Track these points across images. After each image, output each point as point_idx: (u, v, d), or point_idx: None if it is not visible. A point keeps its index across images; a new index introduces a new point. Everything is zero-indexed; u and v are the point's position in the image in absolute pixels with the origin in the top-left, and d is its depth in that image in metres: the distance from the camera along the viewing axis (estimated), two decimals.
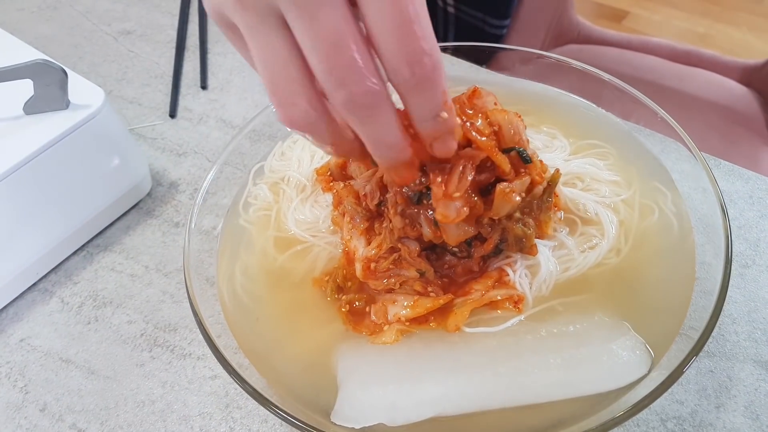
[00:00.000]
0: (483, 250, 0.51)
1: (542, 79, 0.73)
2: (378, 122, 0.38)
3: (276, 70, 0.37)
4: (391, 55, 0.36)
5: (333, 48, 0.35)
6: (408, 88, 0.37)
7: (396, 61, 0.36)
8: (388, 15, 0.35)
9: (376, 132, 0.39)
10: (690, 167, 0.60)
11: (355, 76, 0.35)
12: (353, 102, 0.36)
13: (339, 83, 0.36)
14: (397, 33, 0.35)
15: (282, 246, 0.60)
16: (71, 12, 1.07)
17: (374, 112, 0.37)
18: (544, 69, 0.72)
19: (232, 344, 0.53)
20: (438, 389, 0.47)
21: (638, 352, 0.48)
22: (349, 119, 0.38)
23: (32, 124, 0.66)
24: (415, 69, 0.36)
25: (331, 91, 0.36)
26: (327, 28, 0.35)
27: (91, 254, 0.73)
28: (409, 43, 0.35)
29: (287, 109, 0.38)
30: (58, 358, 0.64)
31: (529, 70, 0.73)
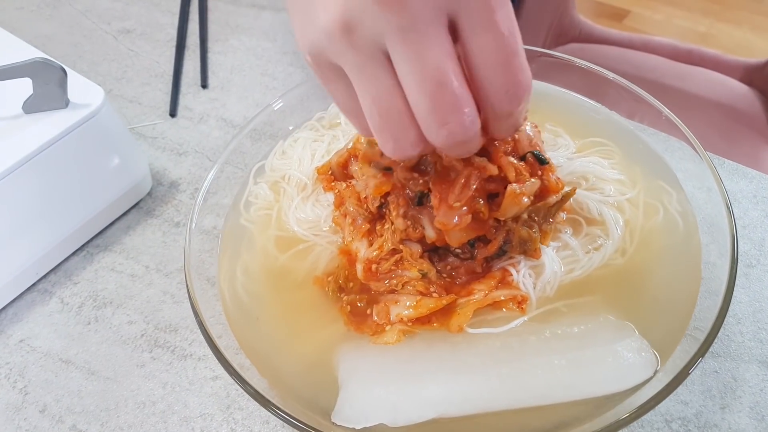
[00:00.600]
0: (486, 251, 0.51)
1: (544, 78, 0.72)
2: (467, 149, 0.41)
3: (384, 105, 0.38)
4: (493, 87, 0.37)
5: (438, 86, 0.36)
6: (502, 117, 0.39)
7: (499, 94, 0.37)
8: (494, 50, 0.36)
9: (464, 152, 0.42)
10: (694, 166, 0.59)
11: (457, 115, 0.37)
12: (453, 139, 0.38)
13: (442, 122, 0.37)
14: (501, 69, 0.36)
15: (283, 245, 0.60)
16: (71, 11, 1.07)
17: (468, 144, 0.39)
18: (547, 67, 0.72)
19: (233, 345, 0.53)
20: (440, 390, 0.47)
21: (643, 354, 0.47)
22: (443, 150, 0.41)
23: (31, 123, 0.66)
24: (513, 103, 0.38)
25: (433, 128, 0.37)
26: (432, 66, 0.35)
27: (91, 254, 0.72)
28: (511, 78, 0.37)
29: (397, 142, 0.39)
30: (58, 359, 0.64)
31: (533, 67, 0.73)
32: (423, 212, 0.49)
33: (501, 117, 0.39)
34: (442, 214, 0.46)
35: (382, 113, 0.39)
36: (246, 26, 1.01)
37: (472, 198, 0.46)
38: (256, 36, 1.00)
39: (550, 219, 0.53)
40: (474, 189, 0.46)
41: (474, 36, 0.36)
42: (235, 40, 0.99)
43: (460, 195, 0.46)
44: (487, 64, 0.36)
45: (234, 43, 0.99)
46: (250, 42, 0.98)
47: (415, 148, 0.39)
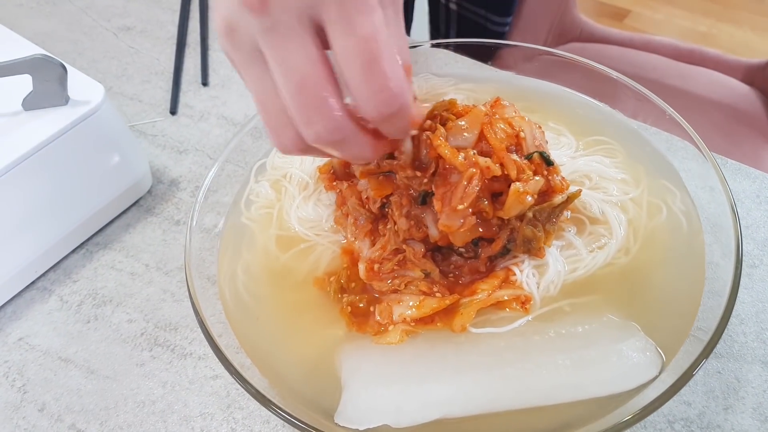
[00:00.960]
0: (490, 250, 0.51)
1: (546, 77, 0.72)
2: (348, 149, 0.41)
3: (266, 102, 0.40)
4: (358, 93, 0.38)
5: (299, 88, 0.37)
6: (376, 122, 0.40)
7: (363, 100, 0.38)
8: (355, 55, 0.36)
9: (349, 155, 0.42)
10: (697, 166, 0.59)
11: (320, 116, 0.38)
12: (321, 139, 0.39)
13: (306, 123, 0.38)
14: (363, 73, 0.37)
15: (284, 244, 0.59)
16: (71, 8, 1.06)
17: (343, 144, 0.40)
18: (548, 66, 0.71)
19: (233, 344, 0.53)
20: (444, 390, 0.47)
21: (648, 354, 0.47)
22: (323, 150, 0.41)
23: (31, 120, 0.65)
24: (381, 109, 0.38)
25: (302, 129, 0.39)
26: (293, 67, 0.37)
27: (91, 252, 0.72)
28: (375, 83, 0.37)
29: (279, 139, 0.41)
30: (57, 358, 0.63)
31: (533, 68, 0.73)
32: (426, 211, 0.49)
33: (377, 121, 0.39)
34: (446, 216, 0.46)
35: (264, 110, 0.40)
36: None
37: (476, 198, 0.46)
38: None
39: (553, 219, 0.53)
40: (477, 189, 0.46)
41: (335, 40, 0.37)
42: None
43: (463, 197, 0.46)
44: (350, 69, 0.37)
45: None
46: None
47: (295, 146, 0.40)
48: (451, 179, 0.47)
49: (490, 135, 0.48)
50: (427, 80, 0.72)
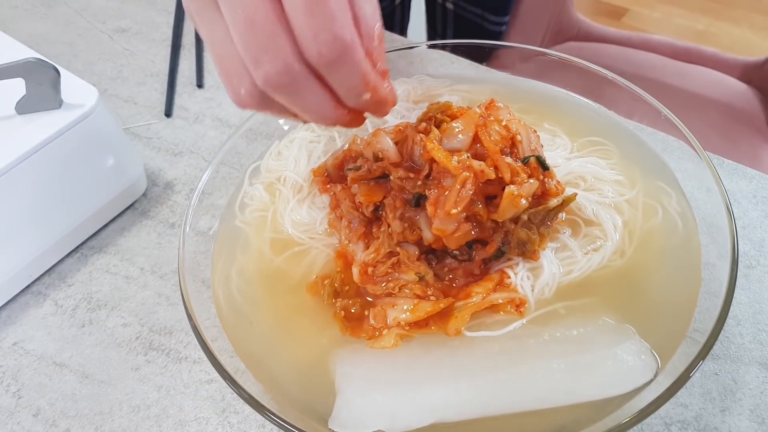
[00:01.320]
0: (485, 253, 0.50)
1: (543, 77, 0.72)
2: (302, 99, 0.38)
3: (219, 48, 0.38)
4: (300, 34, 0.36)
5: (247, 27, 0.35)
6: (320, 68, 0.37)
7: (305, 41, 0.36)
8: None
9: (304, 107, 0.39)
10: (693, 166, 0.59)
11: (267, 54, 0.35)
12: (271, 81, 0.37)
13: (255, 62, 0.36)
14: (305, 12, 0.35)
15: (278, 248, 0.59)
16: (66, 9, 1.06)
17: (295, 90, 0.37)
18: (545, 67, 0.71)
19: (227, 348, 0.52)
20: (438, 395, 0.46)
21: (643, 357, 0.47)
22: (275, 97, 0.38)
23: (24, 123, 0.65)
24: (323, 50, 0.36)
25: (252, 69, 0.37)
26: (242, 6, 0.35)
27: (86, 256, 0.71)
28: (317, 24, 0.35)
29: (235, 91, 0.39)
30: (52, 362, 0.63)
31: (529, 68, 0.72)
32: (420, 214, 0.49)
33: (320, 67, 0.37)
34: (439, 220, 0.46)
35: (218, 59, 0.39)
36: None
37: (470, 202, 0.46)
38: None
39: (548, 222, 0.53)
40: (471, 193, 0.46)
41: None
42: None
43: (457, 201, 0.45)
44: (293, 6, 0.35)
45: None
46: None
47: (251, 96, 0.38)
48: (444, 183, 0.46)
49: (484, 137, 0.48)
50: (422, 81, 0.72)
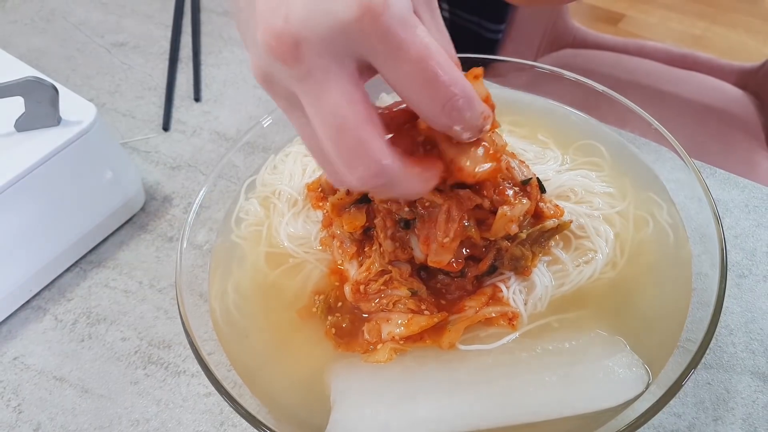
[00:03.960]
0: (477, 270, 0.51)
1: (536, 88, 0.72)
2: (399, 189, 0.39)
3: (312, 145, 0.39)
4: (427, 111, 0.37)
5: (336, 133, 0.36)
6: (451, 128, 0.39)
7: (434, 115, 0.37)
8: (413, 77, 0.35)
9: (399, 194, 0.41)
10: (685, 176, 0.59)
11: (361, 161, 0.36)
12: (366, 183, 0.37)
13: (348, 168, 0.36)
14: (427, 90, 0.36)
15: (274, 262, 0.60)
16: (64, 24, 1.07)
17: (389, 187, 0.38)
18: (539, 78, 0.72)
19: (224, 362, 0.53)
20: (432, 409, 0.47)
21: (635, 369, 0.47)
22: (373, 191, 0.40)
23: (23, 141, 0.66)
24: (453, 115, 0.37)
25: (345, 174, 0.37)
26: (329, 113, 0.35)
27: (85, 271, 0.72)
28: (442, 95, 0.36)
29: (333, 179, 0.40)
30: (52, 377, 0.64)
31: (523, 79, 0.73)
32: (410, 234, 0.49)
33: (453, 132, 0.39)
34: (434, 253, 0.47)
35: (311, 150, 0.40)
36: (239, 38, 1.01)
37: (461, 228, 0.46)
38: None
39: (542, 242, 0.53)
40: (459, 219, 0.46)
41: (387, 71, 0.36)
42: (228, 53, 0.99)
43: (447, 229, 0.46)
44: (411, 92, 0.36)
45: (227, 55, 0.99)
46: (243, 54, 0.98)
47: (347, 184, 0.40)
48: (432, 217, 0.47)
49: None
50: None
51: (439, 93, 0.36)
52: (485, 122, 0.40)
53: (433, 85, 0.35)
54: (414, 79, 0.35)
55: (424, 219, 0.47)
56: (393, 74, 0.36)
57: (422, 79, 0.35)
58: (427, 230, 0.47)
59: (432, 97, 0.36)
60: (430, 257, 0.47)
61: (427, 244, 0.47)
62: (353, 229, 0.51)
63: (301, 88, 0.36)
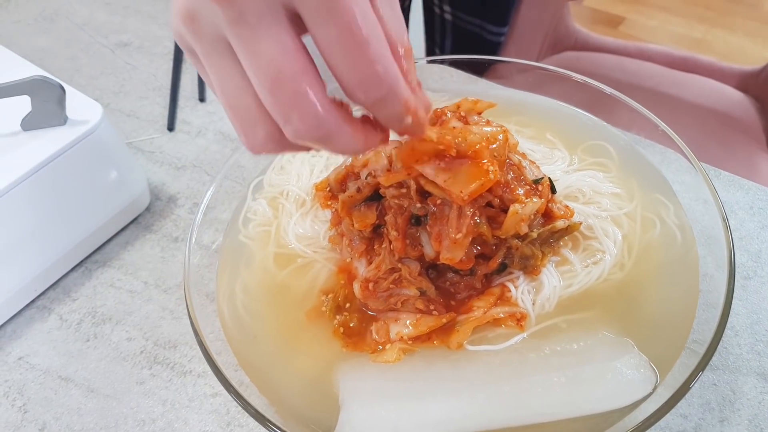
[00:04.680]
0: (487, 268, 0.51)
1: (541, 89, 0.73)
2: (333, 144, 0.37)
3: (232, 97, 0.37)
4: (344, 79, 0.35)
5: (274, 82, 0.34)
6: (367, 107, 0.37)
7: (351, 86, 0.35)
8: (338, 41, 0.34)
9: (337, 149, 0.38)
10: (691, 178, 0.59)
11: (299, 111, 0.35)
12: (302, 135, 0.36)
13: (284, 118, 0.35)
14: (348, 58, 0.34)
15: (282, 262, 0.60)
16: (68, 24, 1.07)
17: (327, 138, 0.36)
18: (543, 79, 0.72)
19: (232, 362, 0.53)
20: (441, 408, 0.47)
21: (642, 371, 0.47)
22: (307, 144, 0.38)
23: (30, 140, 0.66)
24: (369, 93, 0.35)
25: (281, 123, 0.36)
26: (266, 61, 0.34)
27: (90, 270, 0.72)
28: (362, 69, 0.34)
29: (249, 137, 0.38)
30: (57, 377, 0.63)
31: (528, 80, 0.73)
32: (421, 231, 0.50)
33: (368, 107, 0.37)
34: (446, 249, 0.47)
35: (230, 106, 0.38)
36: None
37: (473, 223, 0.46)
38: None
39: (551, 242, 0.54)
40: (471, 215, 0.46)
41: (316, 28, 0.34)
42: None
43: (459, 225, 0.46)
44: (334, 56, 0.34)
45: None
46: None
47: (268, 144, 0.38)
48: (444, 214, 0.47)
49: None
50: None
51: (360, 66, 0.34)
52: (408, 115, 0.37)
53: (355, 56, 0.34)
54: (338, 44, 0.34)
55: (436, 216, 0.47)
56: (320, 33, 0.34)
57: (346, 46, 0.34)
58: (439, 227, 0.47)
59: (352, 68, 0.34)
60: (442, 254, 0.47)
61: (439, 240, 0.47)
62: (364, 227, 0.51)
63: (233, 30, 0.34)
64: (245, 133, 0.38)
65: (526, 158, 0.53)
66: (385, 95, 0.36)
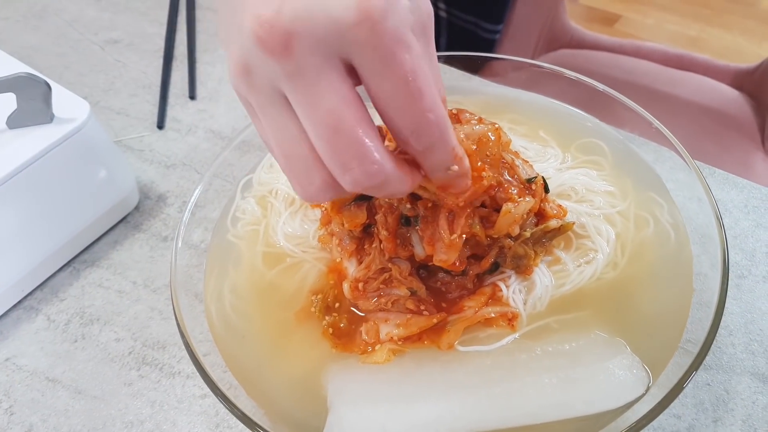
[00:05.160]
0: (479, 268, 0.51)
1: (535, 87, 0.72)
2: (387, 191, 0.38)
3: (287, 148, 0.38)
4: (397, 128, 0.36)
5: (332, 133, 0.35)
6: (418, 154, 0.38)
7: (404, 134, 0.37)
8: (393, 93, 0.35)
9: (388, 193, 0.39)
10: (685, 176, 0.59)
11: (357, 161, 0.35)
12: (360, 184, 0.37)
13: (343, 168, 0.36)
14: (403, 110, 0.35)
15: (271, 261, 0.59)
16: (57, 21, 1.06)
17: (382, 188, 0.37)
18: (537, 77, 0.71)
19: (220, 363, 0.52)
20: (431, 410, 0.46)
21: (635, 371, 0.47)
22: (362, 191, 0.39)
23: (16, 138, 0.65)
24: (422, 139, 0.37)
25: (338, 175, 0.37)
26: (325, 112, 0.35)
27: (78, 270, 0.71)
28: (415, 118, 0.36)
29: (303, 187, 0.39)
30: (45, 378, 0.63)
31: (522, 78, 0.73)
32: (411, 231, 0.49)
33: (420, 153, 0.38)
34: (440, 252, 0.46)
35: (285, 156, 0.38)
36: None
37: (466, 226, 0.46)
38: None
39: (544, 241, 0.53)
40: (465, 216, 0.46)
41: (371, 80, 0.35)
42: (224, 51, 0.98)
43: (453, 227, 0.46)
44: (389, 107, 0.36)
45: (222, 53, 0.98)
46: None
47: (323, 193, 0.39)
48: (435, 217, 0.46)
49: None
50: None
51: (414, 115, 0.35)
52: (455, 163, 0.39)
53: (410, 105, 0.35)
54: (394, 96, 0.35)
55: (427, 219, 0.47)
56: (376, 85, 0.35)
57: (402, 97, 0.35)
58: (431, 230, 0.46)
59: (406, 117, 0.36)
60: (436, 256, 0.47)
61: (431, 243, 0.46)
62: (354, 227, 0.51)
63: (291, 84, 0.35)
64: (300, 183, 0.39)
65: (519, 157, 0.53)
66: (436, 142, 0.37)
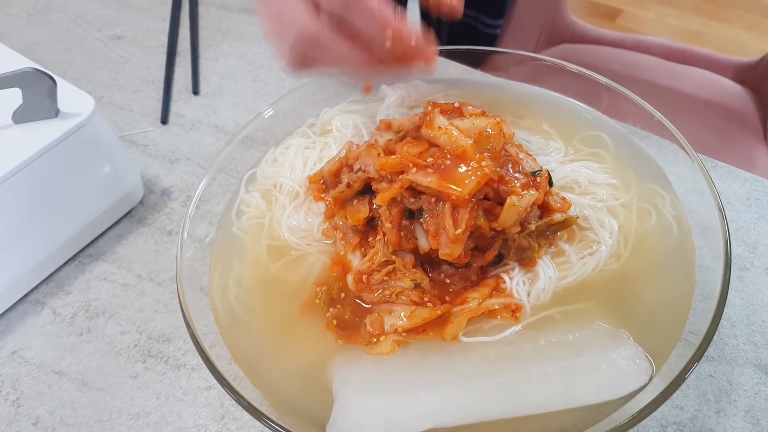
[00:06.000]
0: (483, 260, 0.51)
1: (537, 81, 0.72)
2: (330, 51, 0.47)
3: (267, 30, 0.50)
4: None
5: (271, 13, 0.48)
6: (336, 15, 0.47)
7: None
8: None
9: (334, 57, 0.47)
10: (687, 169, 0.59)
11: (287, 29, 0.47)
12: (296, 48, 0.47)
13: (281, 38, 0.48)
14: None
15: (275, 254, 0.59)
16: (61, 17, 1.06)
17: (318, 47, 0.47)
18: (539, 70, 0.71)
19: (225, 355, 0.53)
20: (435, 400, 0.47)
21: (638, 361, 0.47)
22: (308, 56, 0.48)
23: (21, 133, 0.65)
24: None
25: (283, 44, 0.48)
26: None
27: (83, 264, 0.72)
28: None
29: (280, 57, 0.50)
30: (51, 371, 0.63)
31: (524, 72, 0.73)
32: (415, 223, 0.49)
33: (342, 15, 0.47)
34: (445, 245, 0.46)
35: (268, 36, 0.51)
36: (237, 32, 1.01)
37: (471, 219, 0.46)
38: (248, 41, 0.99)
39: (548, 234, 0.53)
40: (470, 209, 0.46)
41: None
42: (227, 46, 0.98)
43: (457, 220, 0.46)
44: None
45: (225, 48, 0.98)
46: (241, 47, 0.98)
47: (291, 59, 0.49)
48: (438, 209, 0.47)
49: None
50: (417, 87, 0.72)
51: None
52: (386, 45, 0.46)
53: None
54: None
55: (432, 213, 0.47)
56: None
57: None
58: (435, 224, 0.47)
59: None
60: (441, 250, 0.47)
61: (436, 237, 0.47)
62: (356, 222, 0.51)
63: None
64: (278, 53, 0.50)
65: (523, 150, 0.53)
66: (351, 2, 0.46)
